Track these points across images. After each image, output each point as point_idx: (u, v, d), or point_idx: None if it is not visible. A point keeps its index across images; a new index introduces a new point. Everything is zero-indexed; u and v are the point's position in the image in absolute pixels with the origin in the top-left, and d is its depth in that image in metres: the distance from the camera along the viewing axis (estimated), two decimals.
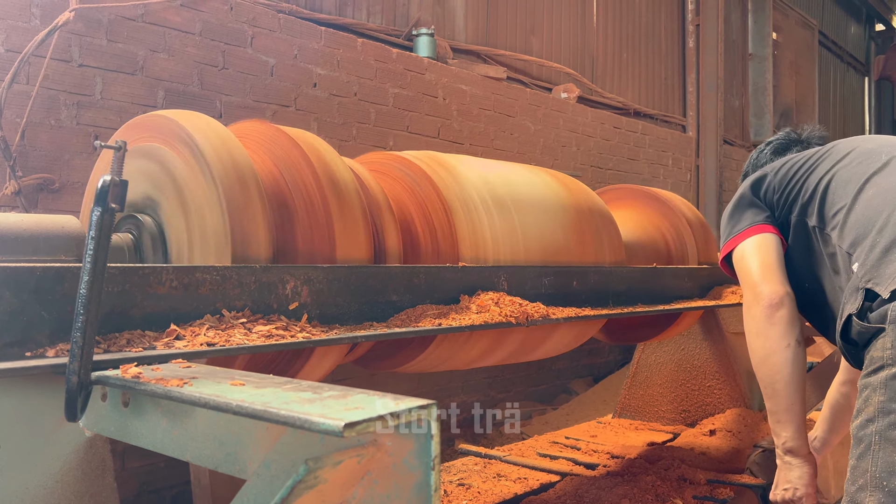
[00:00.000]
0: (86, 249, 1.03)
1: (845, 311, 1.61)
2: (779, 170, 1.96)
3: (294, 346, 1.34)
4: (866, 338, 1.54)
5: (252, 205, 1.59)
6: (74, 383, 1.03)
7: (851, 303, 1.58)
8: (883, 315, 1.49)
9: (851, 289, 1.61)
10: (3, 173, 2.75)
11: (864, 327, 1.53)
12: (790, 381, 1.77)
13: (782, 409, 1.79)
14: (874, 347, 1.50)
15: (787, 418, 1.78)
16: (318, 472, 0.86)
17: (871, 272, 1.56)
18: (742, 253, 1.90)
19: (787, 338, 1.79)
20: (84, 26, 2.98)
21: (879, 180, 1.70)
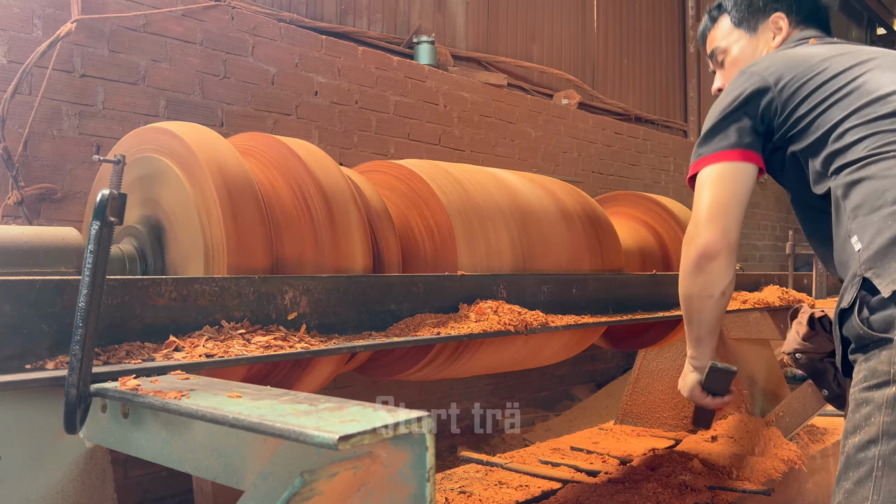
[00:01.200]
0: (84, 262, 1.04)
1: (843, 299, 1.45)
2: (784, 86, 1.63)
3: (292, 357, 1.34)
4: (865, 342, 1.40)
5: (251, 216, 1.60)
6: (73, 396, 1.04)
7: (849, 292, 1.43)
8: (889, 322, 1.34)
9: (849, 273, 1.46)
10: (5, 183, 2.76)
11: (866, 333, 1.38)
12: (704, 323, 1.82)
13: (694, 337, 1.89)
14: (877, 358, 1.36)
15: (696, 344, 1.90)
16: (314, 485, 0.87)
17: (875, 260, 1.38)
18: (701, 182, 1.69)
19: (710, 289, 1.72)
20: (86, 37, 3.00)
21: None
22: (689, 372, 1.97)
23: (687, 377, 1.99)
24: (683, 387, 2.00)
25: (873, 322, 1.37)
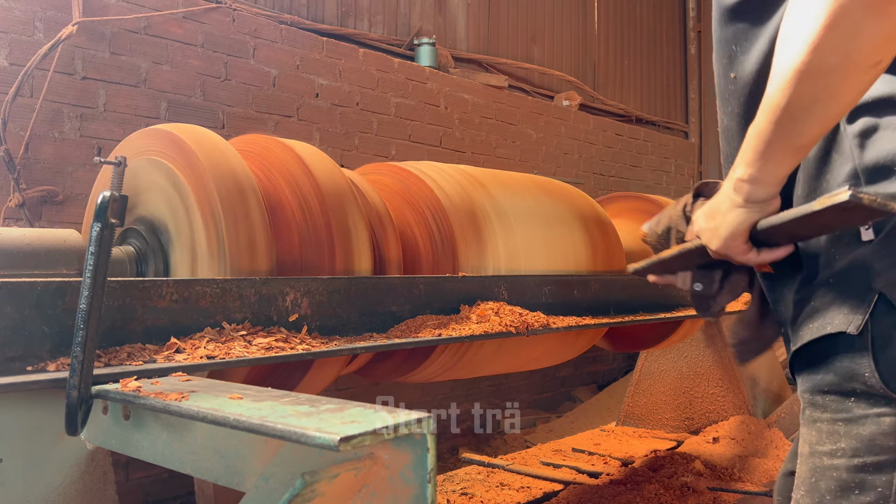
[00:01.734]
0: (86, 264, 1.04)
1: (826, 316, 1.07)
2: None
3: (293, 359, 1.34)
4: (865, 394, 1.04)
5: (252, 217, 1.60)
6: (75, 397, 1.04)
7: (844, 310, 1.05)
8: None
9: (850, 282, 1.06)
10: (7, 186, 2.77)
11: (878, 386, 1.01)
12: (823, 116, 1.02)
13: (782, 142, 1.06)
14: (877, 426, 1.03)
15: (777, 157, 1.08)
16: (315, 486, 0.87)
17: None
18: None
19: (878, 52, 0.98)
20: (87, 39, 3.00)
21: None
22: (735, 207, 1.14)
23: (727, 215, 1.16)
24: (716, 230, 1.19)
25: (884, 371, 1.00)
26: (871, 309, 1.01)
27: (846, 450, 1.03)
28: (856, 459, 1.02)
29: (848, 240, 1.08)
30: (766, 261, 1.20)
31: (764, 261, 1.20)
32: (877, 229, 1.02)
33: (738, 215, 1.15)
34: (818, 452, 1.06)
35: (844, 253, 1.08)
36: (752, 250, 1.19)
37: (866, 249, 1.04)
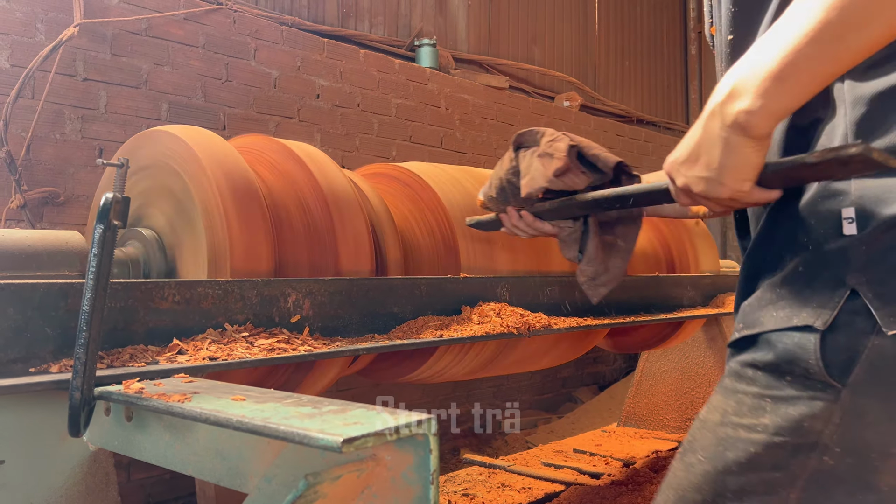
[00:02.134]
0: (88, 266, 1.04)
1: (792, 310, 1.02)
2: None
3: (295, 360, 1.34)
4: (802, 377, 1.00)
5: (253, 219, 1.60)
6: (77, 399, 1.04)
7: (816, 301, 1.00)
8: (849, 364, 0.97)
9: (822, 274, 1.00)
10: (8, 187, 2.77)
11: (819, 372, 0.98)
12: (872, 27, 0.88)
13: (816, 59, 0.92)
14: (809, 408, 0.99)
15: (801, 79, 0.94)
16: (318, 487, 0.87)
17: (880, 266, 0.95)
18: None
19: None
20: (88, 41, 3.01)
21: None
22: (741, 147, 1.01)
23: (730, 157, 1.02)
24: (718, 176, 1.04)
25: (829, 360, 0.98)
26: (840, 304, 0.97)
27: (768, 426, 1.00)
28: (777, 437, 1.00)
29: (826, 231, 1.01)
30: (770, 200, 1.09)
31: (770, 199, 1.08)
32: (860, 225, 0.98)
33: (750, 156, 1.02)
34: (733, 423, 1.04)
35: (819, 242, 1.02)
36: (758, 189, 1.07)
37: (845, 243, 0.99)
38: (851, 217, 0.99)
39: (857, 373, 0.95)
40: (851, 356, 0.96)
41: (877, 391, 0.95)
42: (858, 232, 0.97)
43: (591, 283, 1.51)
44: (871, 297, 0.95)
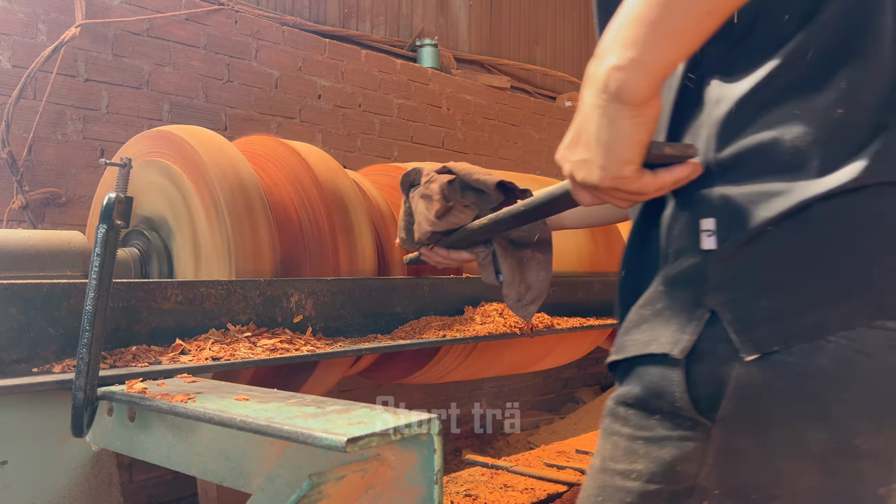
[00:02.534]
0: (91, 266, 1.04)
1: (650, 334, 0.92)
2: None
3: (298, 360, 1.34)
4: (672, 416, 0.89)
5: (256, 219, 1.60)
6: (81, 399, 1.04)
7: (675, 324, 0.89)
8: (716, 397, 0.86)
9: (682, 293, 0.90)
10: (10, 188, 2.77)
11: (686, 409, 0.87)
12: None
13: (665, 25, 0.80)
14: (680, 450, 0.89)
15: (667, 22, 0.80)
16: (322, 487, 0.87)
17: (737, 284, 0.85)
18: None
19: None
20: (90, 41, 3.00)
21: None
22: (617, 119, 0.84)
23: (604, 131, 0.85)
24: (595, 157, 0.87)
25: (695, 392, 0.87)
26: (700, 329, 0.86)
27: (642, 472, 0.89)
28: (651, 485, 0.88)
29: (685, 243, 0.90)
30: (668, 183, 0.89)
31: (666, 183, 0.89)
32: (720, 238, 0.86)
33: (628, 130, 0.84)
34: (610, 470, 0.92)
35: (679, 256, 0.91)
36: (648, 177, 0.88)
37: (704, 259, 0.87)
38: (711, 229, 0.87)
39: (725, 406, 0.84)
40: (718, 388, 0.84)
41: (749, 426, 0.84)
42: (718, 246, 0.86)
43: (517, 305, 1.45)
44: (731, 320, 0.84)
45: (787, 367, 0.81)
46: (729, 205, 0.86)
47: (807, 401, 0.81)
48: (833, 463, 0.83)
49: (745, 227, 0.84)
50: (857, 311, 0.81)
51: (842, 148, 0.84)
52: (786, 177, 0.84)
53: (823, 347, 0.80)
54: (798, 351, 0.81)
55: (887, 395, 0.82)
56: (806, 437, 0.82)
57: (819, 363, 0.80)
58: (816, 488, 0.83)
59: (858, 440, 0.82)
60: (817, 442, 0.81)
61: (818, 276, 0.82)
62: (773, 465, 0.83)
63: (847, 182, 0.82)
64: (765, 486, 0.84)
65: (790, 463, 0.83)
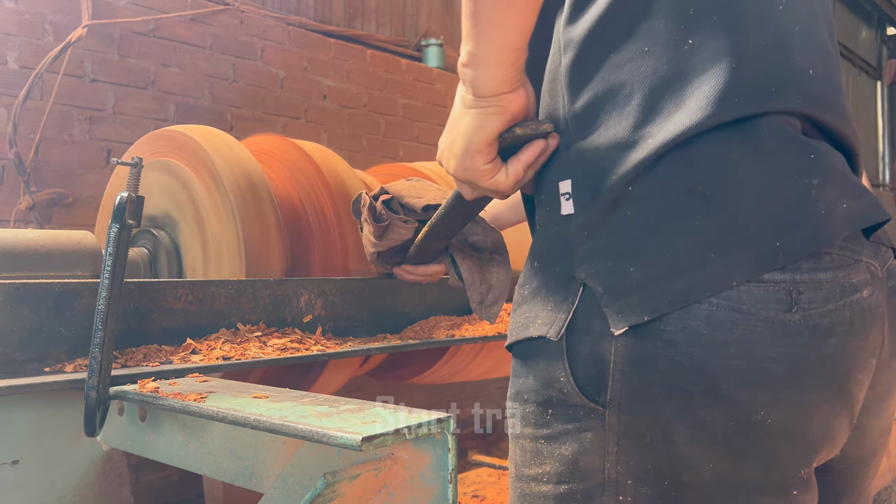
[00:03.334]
0: (104, 265, 1.04)
1: (530, 312, 0.87)
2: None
3: (309, 360, 1.34)
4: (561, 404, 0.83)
5: (265, 219, 1.60)
6: (93, 398, 1.04)
7: (551, 303, 0.83)
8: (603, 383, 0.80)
9: (555, 267, 0.84)
10: (17, 188, 2.77)
11: (575, 396, 0.82)
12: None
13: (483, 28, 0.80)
14: (579, 442, 0.83)
15: (485, 16, 0.79)
16: (336, 486, 0.86)
17: (605, 254, 0.79)
18: None
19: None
20: (96, 42, 3.01)
21: None
22: (467, 109, 0.85)
23: (459, 123, 0.86)
24: (451, 146, 0.89)
25: (579, 375, 0.81)
26: (574, 306, 0.80)
27: (551, 474, 0.83)
28: (562, 486, 0.82)
29: (548, 210, 0.85)
30: (520, 169, 0.85)
31: (518, 171, 0.86)
32: (577, 202, 0.80)
33: (474, 120, 0.83)
34: (524, 476, 0.87)
35: (546, 226, 0.85)
36: (502, 170, 0.86)
37: (567, 226, 0.81)
38: (568, 192, 0.82)
39: (613, 388, 0.78)
40: (601, 369, 0.78)
41: (642, 407, 0.77)
42: (575, 210, 0.81)
43: (480, 306, 1.46)
44: (602, 293, 0.78)
45: (661, 337, 0.75)
46: (583, 163, 0.81)
47: (691, 373, 0.74)
48: (738, 444, 0.75)
49: (601, 188, 0.78)
50: (730, 268, 0.73)
51: (697, 83, 0.76)
52: (637, 124, 0.77)
53: (695, 311, 0.73)
54: (671, 319, 0.74)
55: (777, 357, 0.73)
56: (701, 416, 0.74)
57: (693, 328, 0.73)
58: (728, 476, 0.76)
59: (759, 414, 0.74)
60: (714, 421, 0.74)
61: (683, 236, 0.75)
62: (675, 448, 0.76)
63: (700, 121, 0.74)
64: (674, 473, 0.77)
65: (692, 447, 0.75)
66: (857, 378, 0.79)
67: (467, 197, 0.98)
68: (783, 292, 0.73)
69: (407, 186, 1.51)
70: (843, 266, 0.76)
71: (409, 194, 1.49)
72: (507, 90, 0.82)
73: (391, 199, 1.49)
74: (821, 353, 0.74)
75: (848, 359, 0.77)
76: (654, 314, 0.74)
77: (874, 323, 0.79)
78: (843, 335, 0.76)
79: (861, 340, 0.78)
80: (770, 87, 0.77)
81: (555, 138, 0.84)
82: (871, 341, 0.79)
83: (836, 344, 0.75)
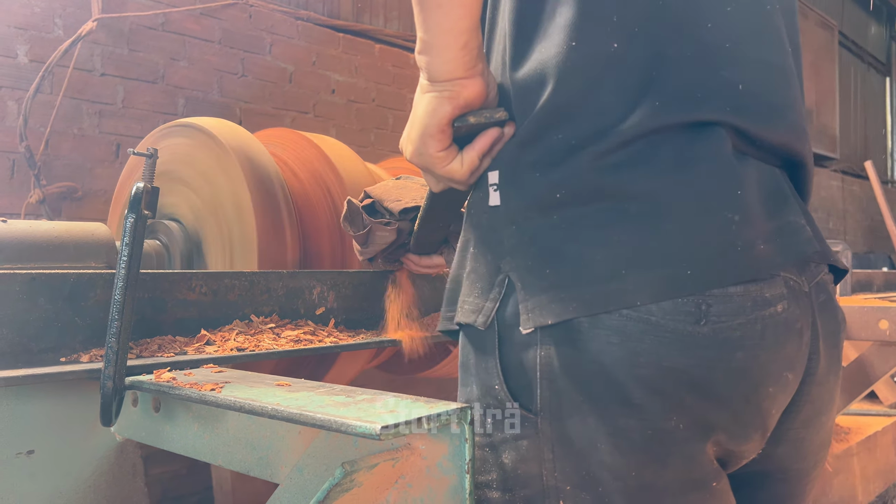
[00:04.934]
0: (120, 255, 1.04)
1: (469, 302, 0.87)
2: None
3: (323, 351, 1.34)
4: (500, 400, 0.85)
5: (279, 211, 1.60)
6: (110, 388, 1.04)
7: (478, 290, 0.85)
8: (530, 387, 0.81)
9: (485, 256, 0.85)
10: (28, 182, 2.78)
11: (502, 394, 0.84)
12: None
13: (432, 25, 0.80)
14: (516, 451, 0.84)
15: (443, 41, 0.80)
16: (354, 476, 0.86)
17: (527, 251, 0.80)
18: None
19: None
20: (106, 36, 3.01)
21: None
22: (423, 94, 0.85)
23: (416, 108, 0.87)
24: (409, 131, 0.90)
25: (511, 380, 0.82)
26: (500, 296, 0.80)
27: (498, 482, 0.85)
28: (507, 494, 0.84)
29: (480, 196, 0.85)
30: (475, 158, 0.84)
31: (472, 160, 0.84)
32: (504, 194, 0.80)
33: (427, 104, 0.83)
34: (479, 483, 0.89)
35: (479, 215, 0.85)
36: (457, 158, 0.85)
37: (494, 218, 0.82)
38: (496, 183, 0.81)
39: (541, 395, 0.78)
40: (531, 377, 0.79)
41: (568, 414, 0.77)
42: (501, 202, 0.81)
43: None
44: (520, 288, 0.78)
45: (576, 346, 0.75)
46: (510, 157, 0.81)
47: (605, 382, 0.74)
48: (657, 451, 0.76)
49: (526, 185, 0.79)
50: (638, 287, 0.73)
51: (620, 87, 0.75)
52: (561, 123, 0.77)
53: (604, 321, 0.74)
54: (583, 328, 0.74)
55: (685, 368, 0.74)
56: (619, 425, 0.75)
57: (604, 337, 0.74)
58: (652, 481, 0.77)
59: (671, 421, 0.75)
60: (631, 430, 0.75)
61: (599, 247, 0.75)
62: (600, 457, 0.77)
63: (628, 127, 0.74)
64: (602, 480, 0.77)
65: (614, 456, 0.76)
66: (766, 391, 0.79)
67: (433, 188, 0.97)
68: (692, 304, 0.73)
69: (389, 188, 1.51)
70: (756, 280, 0.76)
71: (388, 197, 1.49)
72: (461, 76, 0.81)
73: (373, 202, 1.49)
74: (728, 365, 0.75)
75: (757, 372, 0.77)
76: (558, 318, 0.75)
77: (790, 337, 0.79)
78: (752, 349, 0.76)
79: (773, 354, 0.77)
80: (694, 96, 0.76)
81: (511, 126, 0.83)
82: (785, 355, 0.79)
83: (745, 357, 0.75)
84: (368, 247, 1.49)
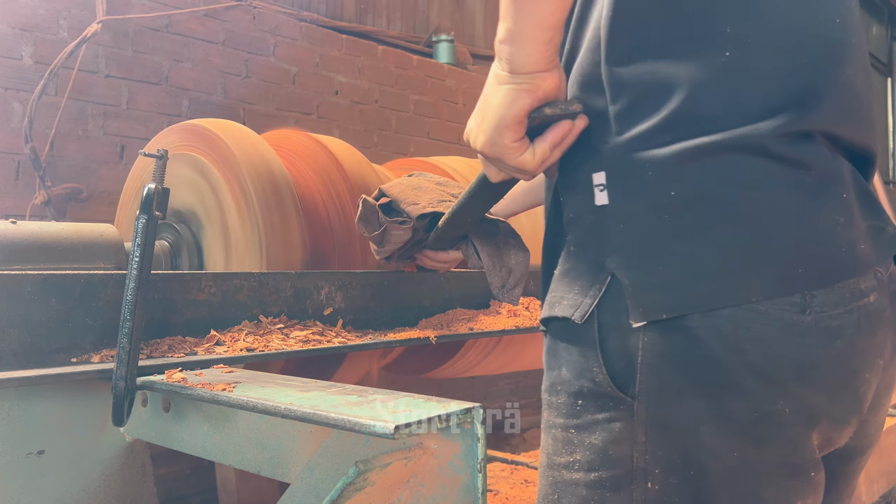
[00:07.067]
0: (131, 256, 1.04)
1: (557, 293, 0.91)
2: None
3: (332, 351, 1.34)
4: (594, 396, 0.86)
5: (286, 212, 1.61)
6: (121, 388, 1.04)
7: (579, 286, 0.87)
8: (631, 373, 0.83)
9: (587, 254, 0.87)
10: (33, 183, 2.78)
11: (606, 385, 0.85)
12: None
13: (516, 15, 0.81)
14: (609, 434, 0.85)
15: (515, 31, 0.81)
16: (368, 475, 0.87)
17: (638, 248, 0.82)
18: None
19: None
20: (110, 38, 3.01)
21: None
22: (500, 85, 0.85)
23: (491, 99, 0.87)
24: (481, 123, 0.91)
25: (611, 366, 0.84)
26: (601, 293, 0.83)
27: (582, 463, 0.86)
28: (592, 474, 0.85)
29: (581, 198, 0.87)
30: (546, 149, 0.87)
31: (544, 150, 0.87)
32: (612, 193, 0.83)
33: (505, 95, 0.84)
34: (556, 464, 0.89)
35: (582, 215, 0.88)
36: (529, 149, 0.87)
37: (601, 217, 0.84)
38: (602, 183, 0.84)
39: (641, 380, 0.81)
40: (630, 360, 0.82)
41: (668, 398, 0.80)
42: (610, 202, 0.83)
43: (502, 291, 1.48)
44: (628, 285, 0.81)
45: (686, 333, 0.78)
46: (618, 158, 0.82)
47: (714, 367, 0.78)
48: (761, 433, 0.79)
49: (637, 186, 0.80)
50: (751, 284, 0.77)
51: (734, 94, 0.78)
52: (675, 128, 0.79)
53: (717, 311, 0.77)
54: (694, 317, 0.78)
55: (789, 355, 0.78)
56: (725, 408, 0.79)
57: (715, 326, 0.77)
58: (752, 462, 0.80)
59: (777, 404, 0.79)
60: (738, 411, 0.79)
61: (712, 246, 0.78)
62: (701, 438, 0.80)
63: (740, 134, 0.76)
64: (700, 462, 0.80)
65: (717, 437, 0.79)
66: (864, 377, 0.84)
67: (493, 179, 1.01)
68: (798, 296, 0.78)
69: (405, 188, 1.52)
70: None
71: (405, 199, 1.50)
72: (542, 69, 0.83)
73: (389, 202, 1.51)
74: (829, 352, 0.80)
75: (855, 359, 0.82)
76: (672, 313, 0.79)
77: (880, 325, 0.85)
78: (850, 337, 0.81)
79: (867, 342, 0.83)
80: (807, 104, 0.79)
81: (583, 119, 0.86)
82: (877, 342, 0.85)
83: (844, 345, 0.80)
84: (384, 246, 1.51)
